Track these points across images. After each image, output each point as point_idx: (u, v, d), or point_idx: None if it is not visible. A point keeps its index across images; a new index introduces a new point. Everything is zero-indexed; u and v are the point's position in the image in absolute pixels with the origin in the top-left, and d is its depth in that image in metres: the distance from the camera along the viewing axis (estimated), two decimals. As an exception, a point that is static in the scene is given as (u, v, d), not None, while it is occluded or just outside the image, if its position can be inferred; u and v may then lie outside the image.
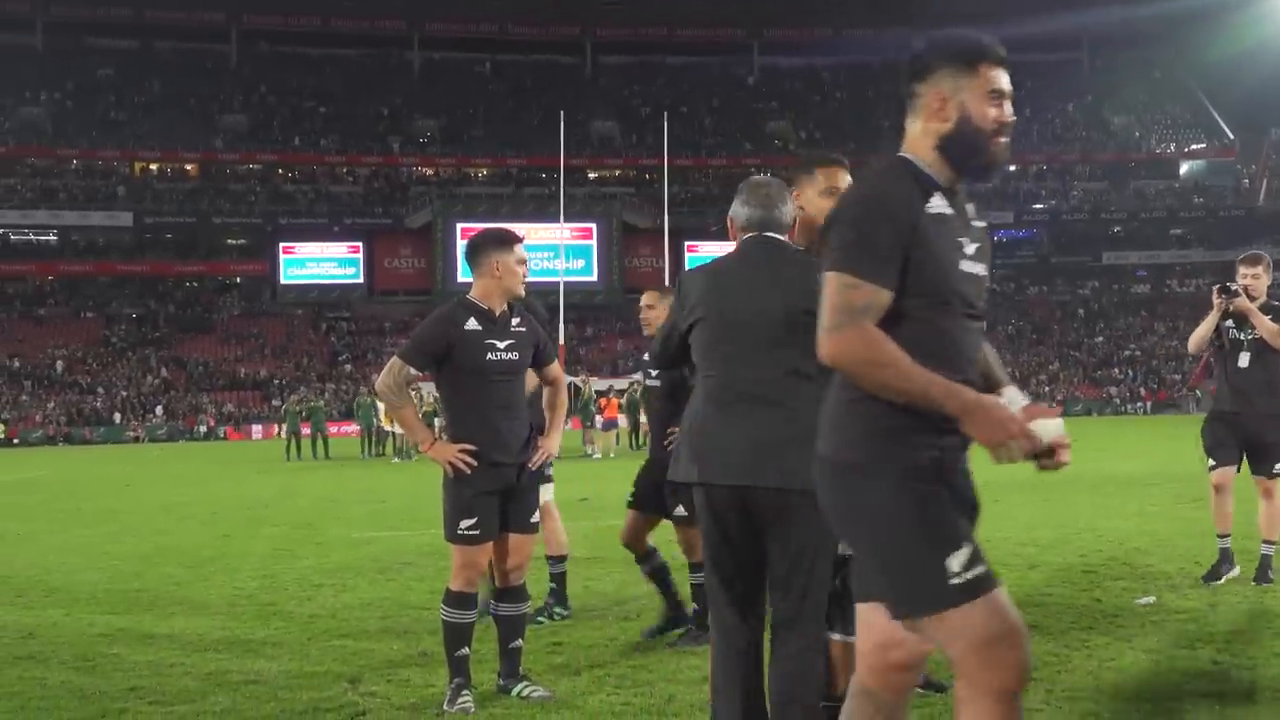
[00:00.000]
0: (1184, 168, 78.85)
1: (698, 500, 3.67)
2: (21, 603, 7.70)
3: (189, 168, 71.27)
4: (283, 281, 67.76)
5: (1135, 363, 66.16)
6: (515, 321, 4.90)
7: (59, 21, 73.07)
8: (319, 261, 67.79)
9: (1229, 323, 7.22)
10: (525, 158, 70.77)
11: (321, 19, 75.72)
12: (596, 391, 31.72)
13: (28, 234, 68.39)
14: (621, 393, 30.59)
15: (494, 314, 4.83)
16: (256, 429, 55.15)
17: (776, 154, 75.62)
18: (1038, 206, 75.09)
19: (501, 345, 4.80)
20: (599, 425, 29.63)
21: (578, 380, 30.69)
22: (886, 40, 77.14)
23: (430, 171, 73.84)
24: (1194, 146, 78.29)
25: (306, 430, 31.48)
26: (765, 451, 3.50)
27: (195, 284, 70.24)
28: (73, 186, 68.23)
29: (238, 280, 70.13)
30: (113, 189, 68.52)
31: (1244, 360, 7.17)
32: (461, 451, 4.66)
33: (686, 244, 67.52)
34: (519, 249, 4.96)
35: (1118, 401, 61.64)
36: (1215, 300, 7.14)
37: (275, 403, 55.40)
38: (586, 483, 16.49)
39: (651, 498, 6.01)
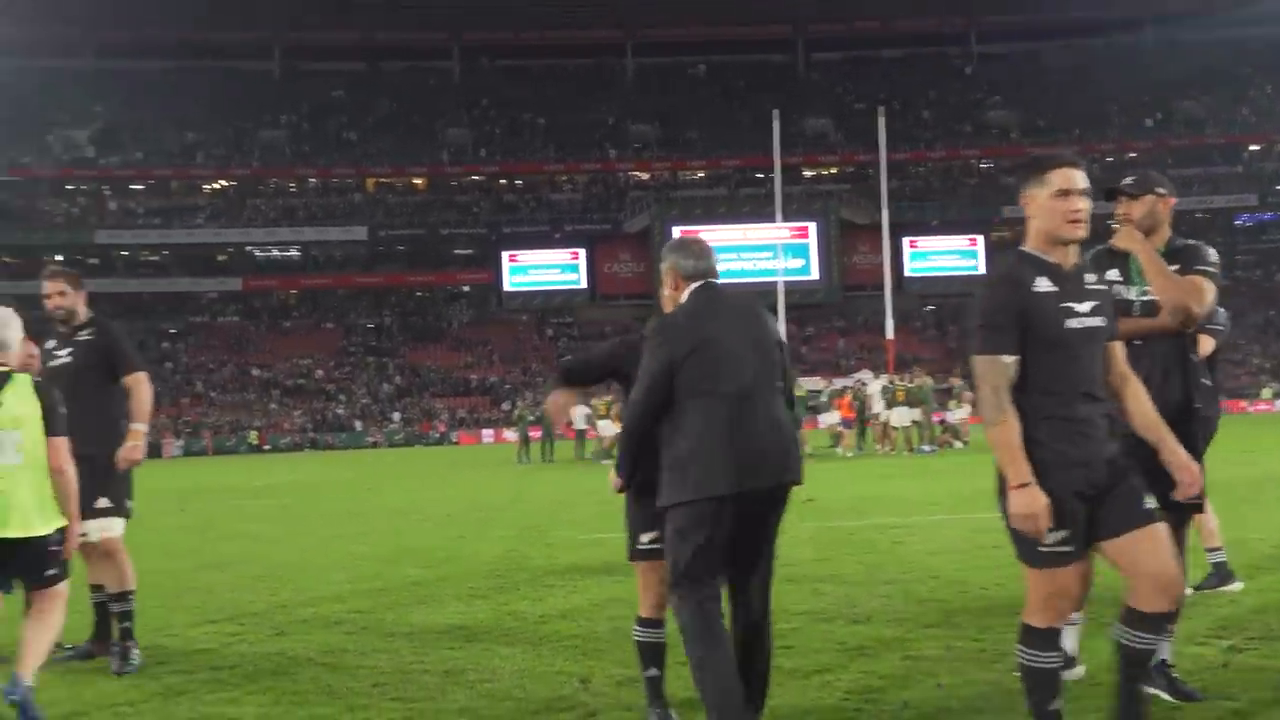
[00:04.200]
0: None
1: (716, 509, 4.08)
2: (274, 601, 8.09)
3: (417, 182, 74.06)
4: (507, 289, 69.59)
5: (1399, 349, 61.73)
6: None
7: (294, 47, 77.09)
8: (542, 268, 69.37)
9: None
10: (740, 158, 70.82)
11: (539, 32, 77.52)
12: (813, 390, 31.37)
13: (272, 250, 72.27)
14: (841, 392, 30.16)
15: (1064, 269, 3.81)
16: (487, 433, 56.76)
17: (997, 143, 73.62)
18: (1283, 187, 70.70)
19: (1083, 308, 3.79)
20: (825, 423, 29.31)
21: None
22: (1112, 19, 74.16)
23: (646, 176, 74.64)
24: None
25: (536, 434, 32.14)
26: (784, 454, 4.20)
27: (426, 294, 72.91)
28: (311, 204, 71.78)
29: (465, 289, 72.44)
30: (348, 205, 71.76)
31: None
32: None
33: (908, 239, 66.42)
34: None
35: (1380, 392, 57.54)
36: None
37: (505, 407, 56.97)
38: (811, 483, 16.25)
39: None
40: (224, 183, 72.76)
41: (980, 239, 68.39)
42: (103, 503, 6.04)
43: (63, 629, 5.13)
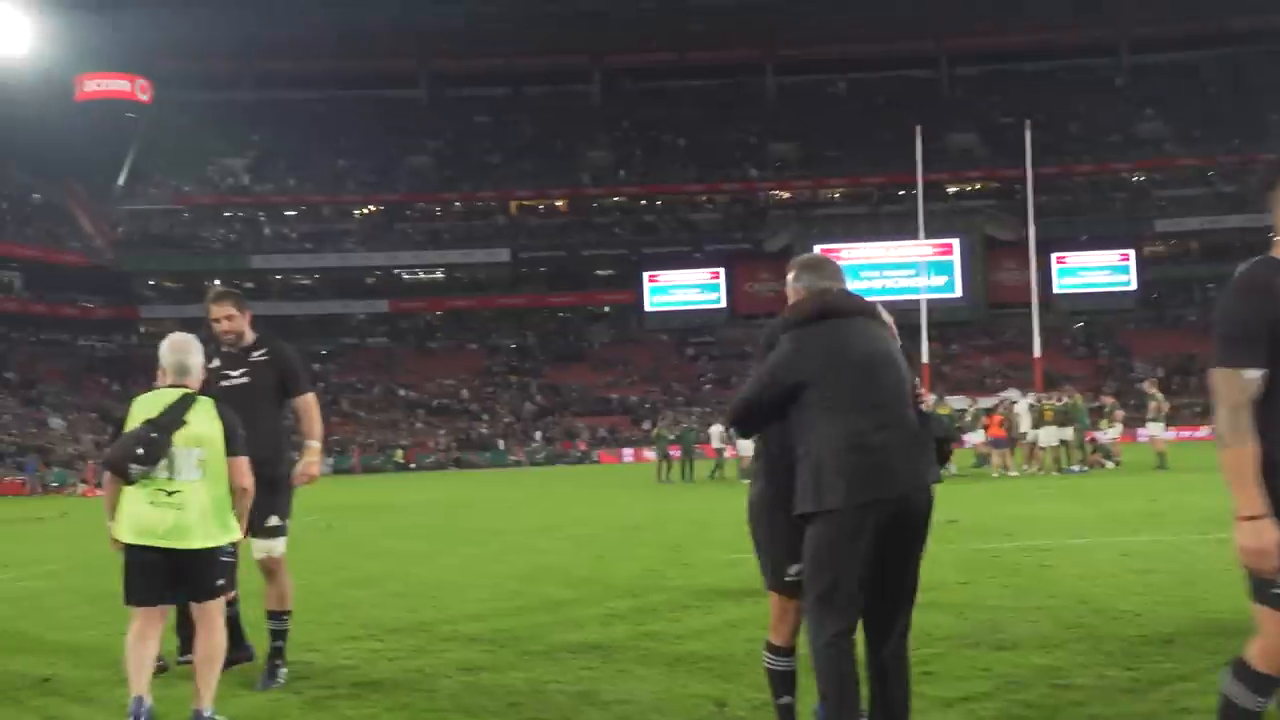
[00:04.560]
0: None
1: (853, 522, 4.02)
2: (415, 618, 8.19)
3: (559, 204, 74.94)
4: (648, 309, 69.88)
5: None
6: None
7: (439, 74, 78.93)
8: (682, 288, 69.49)
9: None
10: (882, 176, 69.94)
11: (678, 54, 77.86)
12: (958, 409, 30.70)
13: (418, 273, 73.90)
14: (992, 411, 29.48)
15: None
16: (628, 452, 56.95)
17: (1150, 155, 71.50)
18: None
19: None
20: (970, 442, 28.73)
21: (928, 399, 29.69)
22: (1271, 27, 71.41)
23: (787, 195, 74.34)
24: None
25: (676, 453, 32.07)
26: (918, 463, 4.18)
27: (567, 314, 73.70)
28: (456, 227, 73.21)
29: (606, 309, 72.99)
30: (491, 227, 73.01)
31: None
32: None
33: (1055, 255, 64.86)
34: None
35: None
36: None
37: (645, 426, 57.15)
38: (955, 504, 15.85)
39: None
40: (373, 208, 74.69)
41: (1132, 254, 66.46)
42: (273, 521, 6.16)
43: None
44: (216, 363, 6.26)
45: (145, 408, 5.14)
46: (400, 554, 13.41)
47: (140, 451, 4.98)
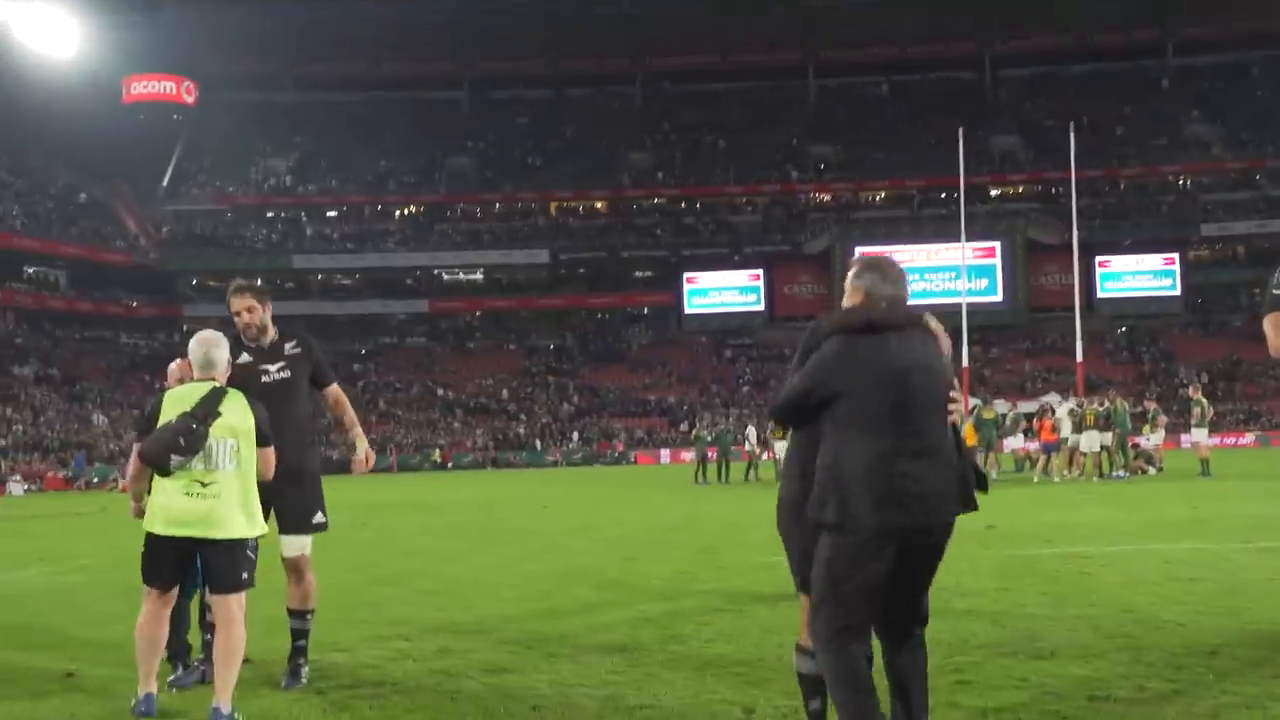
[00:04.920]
0: None
1: (874, 543, 3.96)
2: (443, 617, 8.12)
3: (599, 205, 74.97)
4: (687, 311, 69.75)
5: None
6: None
7: (481, 76, 79.13)
8: (721, 290, 69.30)
9: None
10: (924, 178, 69.54)
11: (720, 56, 77.72)
12: (1001, 414, 30.40)
13: (458, 273, 74.16)
14: (1029, 417, 29.17)
15: None
16: (665, 453, 56.87)
17: (1197, 158, 70.67)
18: None
19: None
20: (1009, 446, 28.47)
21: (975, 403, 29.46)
22: (1324, 27, 70.40)
23: (828, 197, 74.01)
24: None
25: (714, 454, 31.96)
26: (946, 491, 4.07)
27: (606, 315, 73.71)
28: (496, 228, 73.40)
29: (645, 310, 72.94)
30: (531, 228, 73.14)
31: None
32: None
33: (1098, 259, 64.23)
34: None
35: None
36: None
37: (683, 427, 57.05)
38: (993, 509, 15.58)
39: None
40: (414, 208, 75.02)
41: (1176, 258, 65.66)
42: (318, 517, 6.15)
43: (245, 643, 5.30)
44: (247, 358, 6.09)
45: (178, 401, 5.19)
46: (433, 552, 13.36)
47: (181, 443, 5.03)
